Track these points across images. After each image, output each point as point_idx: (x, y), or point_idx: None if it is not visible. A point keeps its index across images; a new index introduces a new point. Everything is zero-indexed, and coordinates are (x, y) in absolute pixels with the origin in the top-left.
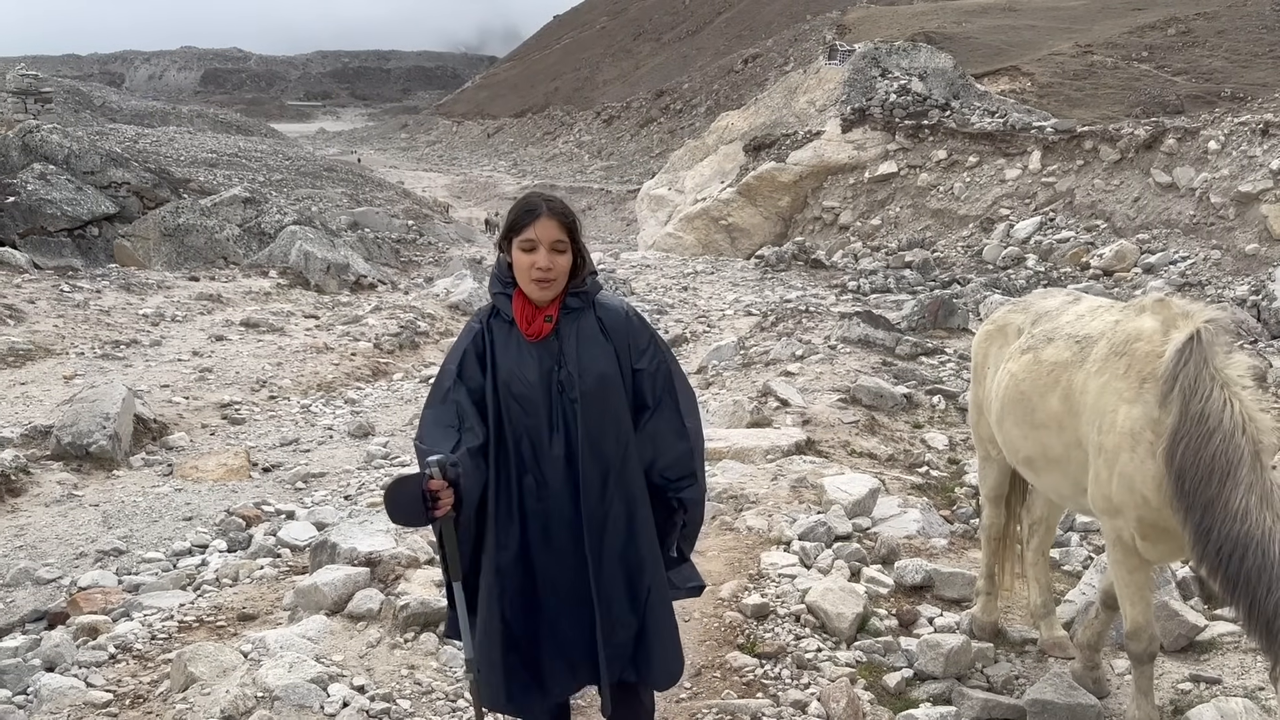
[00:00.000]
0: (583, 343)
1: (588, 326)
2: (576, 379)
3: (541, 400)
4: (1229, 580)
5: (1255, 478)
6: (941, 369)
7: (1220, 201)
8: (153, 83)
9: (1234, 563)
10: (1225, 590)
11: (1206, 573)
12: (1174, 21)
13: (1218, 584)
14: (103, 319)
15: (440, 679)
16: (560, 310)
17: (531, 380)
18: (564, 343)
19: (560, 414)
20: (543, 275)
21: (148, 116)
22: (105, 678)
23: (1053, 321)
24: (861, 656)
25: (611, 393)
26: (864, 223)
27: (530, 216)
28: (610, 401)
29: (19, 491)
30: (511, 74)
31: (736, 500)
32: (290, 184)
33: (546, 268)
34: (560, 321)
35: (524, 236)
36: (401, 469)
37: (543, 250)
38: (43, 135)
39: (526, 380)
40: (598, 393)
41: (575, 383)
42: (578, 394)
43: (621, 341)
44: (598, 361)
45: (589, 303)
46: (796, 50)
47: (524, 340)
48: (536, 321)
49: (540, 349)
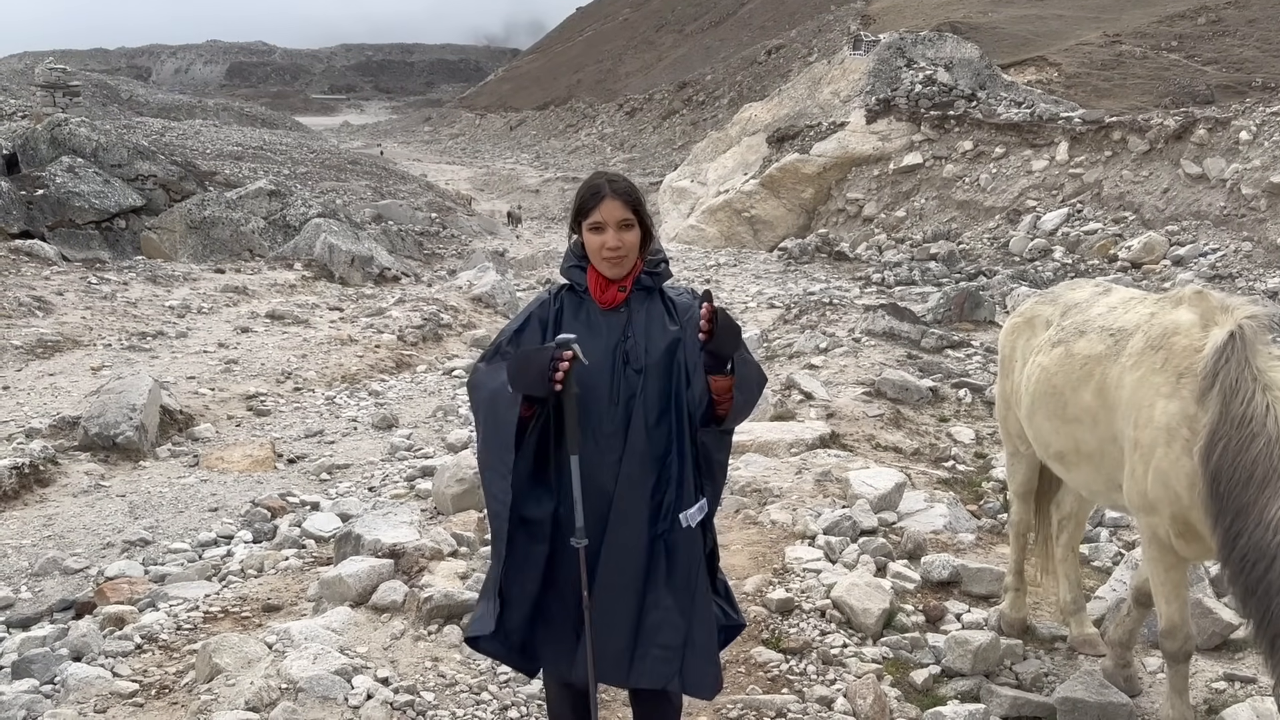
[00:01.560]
0: (651, 320)
1: (656, 308)
2: (643, 352)
3: (604, 370)
4: (1248, 589)
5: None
6: (968, 362)
7: (1251, 193)
8: (179, 76)
9: (1257, 572)
10: (1242, 599)
11: (1228, 578)
12: (1204, 10)
13: (1237, 591)
14: (129, 311)
15: (464, 671)
16: (634, 284)
17: (597, 350)
18: (633, 315)
19: (621, 388)
20: (613, 254)
21: (174, 110)
22: (131, 668)
23: (1083, 314)
24: (888, 653)
25: (675, 372)
26: (888, 214)
27: (596, 199)
28: (673, 381)
29: (47, 482)
30: (534, 66)
31: (760, 494)
32: (315, 177)
33: (616, 246)
34: (632, 296)
35: (592, 219)
36: (425, 460)
37: (610, 230)
38: (71, 129)
39: (592, 349)
40: (662, 367)
41: (641, 355)
42: (643, 365)
43: (689, 323)
44: (664, 338)
45: (659, 286)
46: (820, 41)
47: (595, 312)
48: (610, 290)
49: (610, 320)
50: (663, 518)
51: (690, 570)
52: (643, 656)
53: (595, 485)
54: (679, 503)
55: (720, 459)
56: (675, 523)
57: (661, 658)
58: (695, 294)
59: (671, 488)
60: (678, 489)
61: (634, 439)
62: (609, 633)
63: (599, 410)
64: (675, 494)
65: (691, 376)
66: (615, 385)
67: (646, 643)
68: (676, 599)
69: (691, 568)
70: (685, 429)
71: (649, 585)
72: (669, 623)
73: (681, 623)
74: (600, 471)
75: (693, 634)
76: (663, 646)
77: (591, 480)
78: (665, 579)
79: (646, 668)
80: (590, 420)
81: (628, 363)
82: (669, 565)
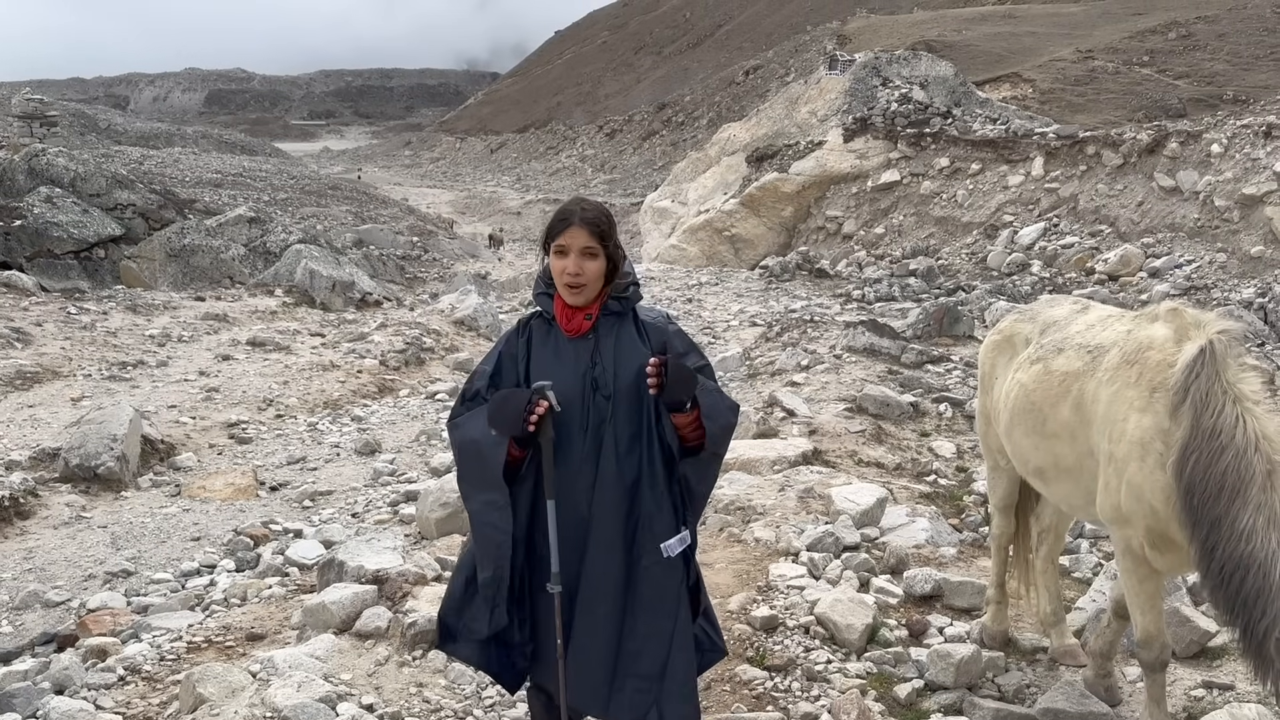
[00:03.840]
0: (620, 344)
1: (626, 332)
2: (612, 378)
3: (574, 398)
4: (1228, 600)
5: (1265, 498)
6: (948, 376)
7: (1224, 204)
8: (157, 104)
9: (1234, 582)
10: (1224, 610)
11: (1208, 591)
12: (1174, 25)
13: (1220, 602)
14: (109, 340)
15: (449, 696)
16: (600, 311)
17: (565, 378)
18: (600, 342)
19: (591, 414)
20: (573, 280)
21: (153, 138)
22: (114, 700)
23: (1062, 331)
24: (872, 667)
25: (646, 395)
26: (867, 231)
27: (563, 225)
28: (644, 405)
29: (27, 514)
30: (514, 90)
31: (744, 512)
32: (295, 203)
33: (575, 273)
34: (600, 322)
35: (557, 243)
36: (409, 485)
37: (573, 256)
38: (48, 159)
39: (561, 377)
40: (632, 392)
41: (610, 381)
42: (611, 391)
43: (659, 345)
44: (634, 362)
45: (629, 310)
46: (797, 61)
47: (563, 339)
48: (577, 318)
49: (578, 347)
50: (639, 545)
51: (669, 600)
52: (620, 688)
53: (570, 513)
54: (656, 531)
55: (701, 490)
56: (655, 551)
57: (639, 689)
58: (669, 316)
59: (646, 515)
60: (653, 516)
61: (605, 466)
62: (588, 661)
63: (570, 437)
64: (651, 522)
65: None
66: (585, 412)
67: (624, 673)
68: (656, 628)
69: (670, 597)
70: (658, 455)
71: (628, 614)
72: (647, 652)
73: (661, 652)
74: (574, 498)
75: (671, 665)
76: (640, 677)
77: (566, 508)
78: (645, 608)
79: (625, 699)
80: (561, 447)
81: (597, 389)
82: (649, 594)
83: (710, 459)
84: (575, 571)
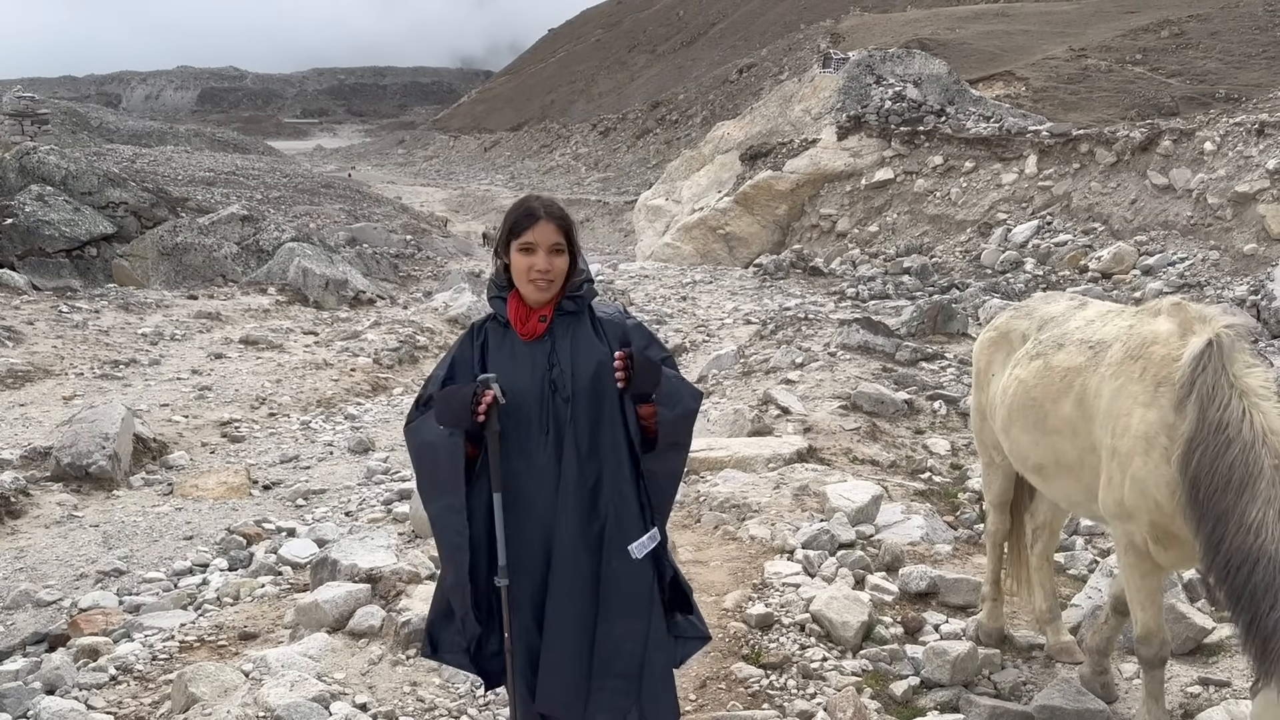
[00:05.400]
0: (577, 344)
1: (583, 330)
2: (569, 378)
3: (533, 402)
4: (1234, 593)
5: (1274, 492)
6: (942, 374)
7: (1217, 202)
8: (149, 103)
9: (1242, 576)
10: (1230, 603)
11: (1214, 583)
12: (1167, 24)
13: (1224, 595)
14: (101, 339)
15: (443, 695)
16: (555, 312)
17: (523, 382)
18: (557, 343)
19: (551, 417)
20: (541, 276)
21: (145, 136)
22: (106, 699)
23: (1060, 327)
24: (867, 665)
25: (606, 394)
26: (861, 229)
27: (529, 220)
28: (604, 403)
29: (19, 513)
30: (507, 88)
31: (739, 509)
32: (288, 201)
33: (545, 269)
34: (555, 323)
35: (523, 240)
36: (402, 483)
37: (541, 253)
38: (40, 157)
39: (518, 381)
40: (591, 391)
41: (568, 381)
42: (570, 393)
43: (616, 340)
44: (592, 360)
45: (584, 308)
46: (791, 59)
47: (519, 343)
48: (531, 321)
49: (534, 350)
50: (607, 546)
51: (642, 599)
52: (599, 689)
53: (535, 516)
54: (623, 531)
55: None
56: (623, 553)
57: (618, 689)
58: (623, 310)
59: (611, 517)
60: (619, 517)
61: (567, 468)
62: (562, 665)
63: (531, 441)
64: (618, 522)
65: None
66: (544, 415)
67: (602, 674)
68: (630, 630)
69: (642, 596)
70: (624, 455)
71: (601, 617)
72: (623, 653)
73: (637, 651)
74: (538, 504)
75: (649, 664)
76: (619, 677)
77: (530, 514)
78: (617, 610)
79: (605, 699)
80: (524, 451)
81: (555, 391)
82: (620, 596)
83: (671, 450)
84: (542, 575)
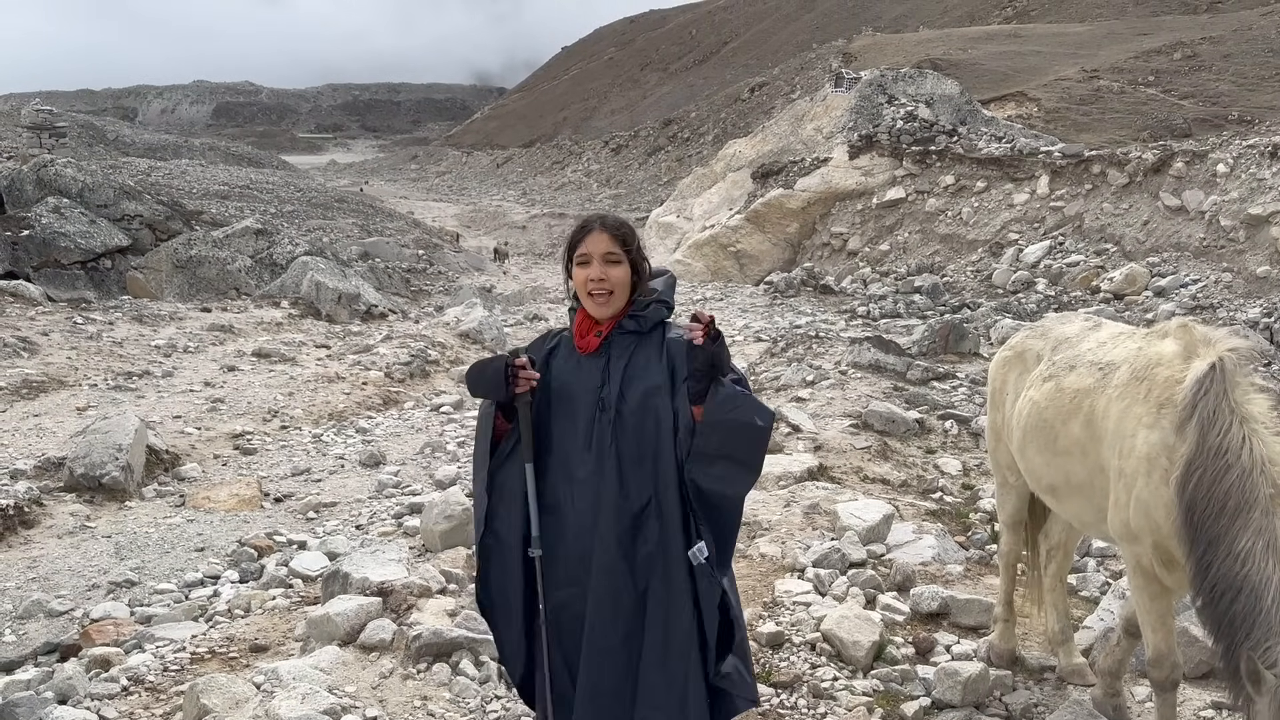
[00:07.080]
0: (633, 364)
1: (644, 351)
2: (616, 398)
3: (582, 417)
4: (1216, 619)
5: (1266, 522)
6: (953, 393)
7: (1230, 224)
8: (165, 117)
9: (1224, 603)
10: (1210, 628)
11: (1199, 607)
12: (1180, 46)
13: (1206, 621)
14: (115, 350)
15: (453, 710)
16: (615, 329)
17: (576, 395)
18: (612, 360)
19: (595, 434)
20: (597, 287)
21: (160, 150)
22: (118, 710)
23: (1073, 348)
24: (878, 685)
25: (658, 419)
26: (872, 248)
27: (583, 231)
28: (655, 428)
29: (32, 523)
30: (520, 105)
31: (749, 527)
32: (301, 215)
33: (600, 278)
34: (613, 340)
35: (579, 252)
36: (413, 497)
37: (595, 263)
38: (57, 169)
39: (572, 394)
40: (639, 413)
41: (614, 401)
42: (615, 412)
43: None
44: (644, 382)
45: (647, 328)
46: (803, 78)
47: (581, 356)
48: (589, 335)
49: (591, 365)
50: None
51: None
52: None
53: (575, 528)
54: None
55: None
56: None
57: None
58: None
59: (653, 539)
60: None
61: (606, 489)
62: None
63: (575, 455)
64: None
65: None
66: (590, 431)
67: (645, 705)
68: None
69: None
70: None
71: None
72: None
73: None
74: (578, 519)
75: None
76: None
77: (571, 523)
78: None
79: None
80: (565, 464)
81: (603, 409)
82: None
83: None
84: (582, 592)
